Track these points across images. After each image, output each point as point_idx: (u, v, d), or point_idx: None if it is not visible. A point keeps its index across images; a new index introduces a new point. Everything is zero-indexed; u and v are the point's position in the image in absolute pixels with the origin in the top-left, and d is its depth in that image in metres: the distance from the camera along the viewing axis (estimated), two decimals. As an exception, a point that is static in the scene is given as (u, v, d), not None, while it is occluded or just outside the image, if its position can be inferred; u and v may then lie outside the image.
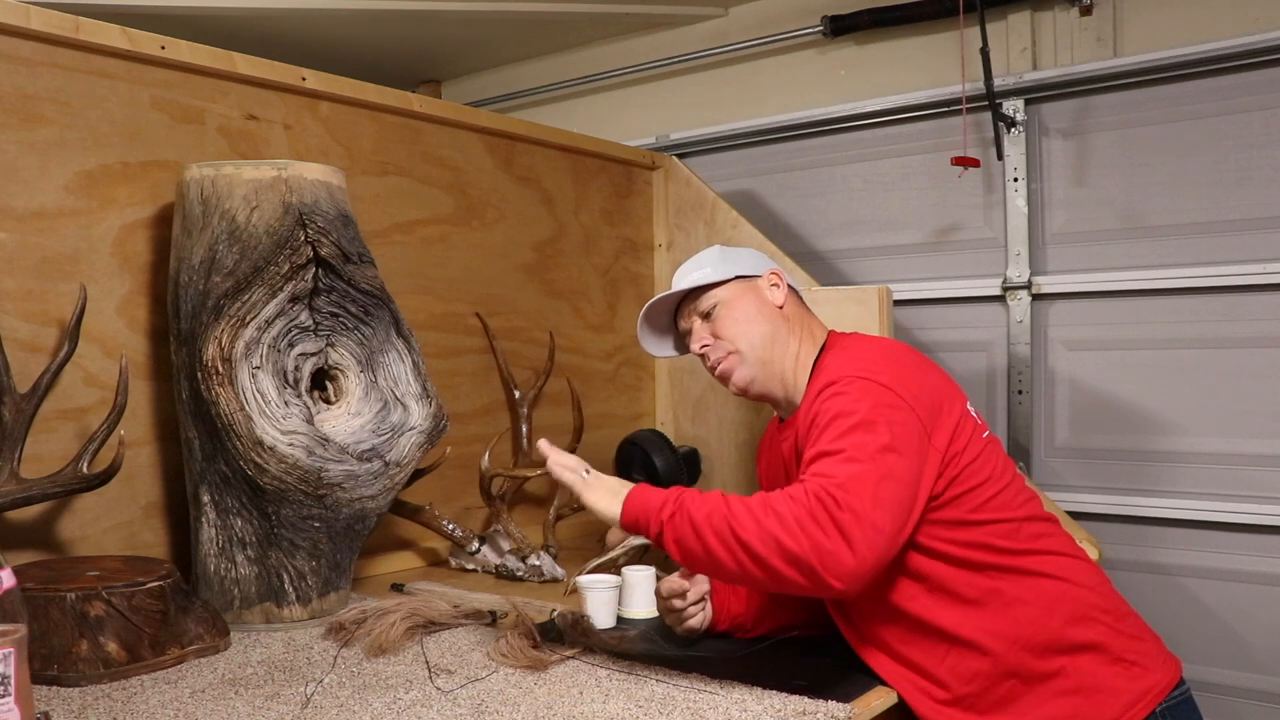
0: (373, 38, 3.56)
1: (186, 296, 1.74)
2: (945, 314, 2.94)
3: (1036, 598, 1.45)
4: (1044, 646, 1.43)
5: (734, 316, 1.70)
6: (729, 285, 1.73)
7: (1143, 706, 1.42)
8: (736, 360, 1.69)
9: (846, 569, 1.26)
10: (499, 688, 1.42)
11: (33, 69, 1.75)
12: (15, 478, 1.58)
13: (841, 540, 1.26)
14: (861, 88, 3.10)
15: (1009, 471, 1.55)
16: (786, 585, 1.30)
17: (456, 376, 2.43)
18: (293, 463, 1.68)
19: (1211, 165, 2.55)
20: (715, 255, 1.79)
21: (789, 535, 1.28)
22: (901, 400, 1.42)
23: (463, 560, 2.23)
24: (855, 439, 1.36)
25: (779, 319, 1.70)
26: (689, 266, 1.80)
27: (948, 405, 1.49)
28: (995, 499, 1.48)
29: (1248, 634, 2.52)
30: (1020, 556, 1.47)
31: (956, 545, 1.45)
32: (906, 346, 1.61)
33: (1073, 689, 1.42)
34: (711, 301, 1.73)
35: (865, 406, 1.40)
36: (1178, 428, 2.60)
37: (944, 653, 1.46)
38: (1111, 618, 1.47)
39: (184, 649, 1.54)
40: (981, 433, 1.53)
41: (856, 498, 1.29)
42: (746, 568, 1.31)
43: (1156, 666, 1.46)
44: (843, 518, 1.27)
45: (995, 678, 1.44)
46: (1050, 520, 1.55)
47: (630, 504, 1.42)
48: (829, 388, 1.47)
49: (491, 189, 2.55)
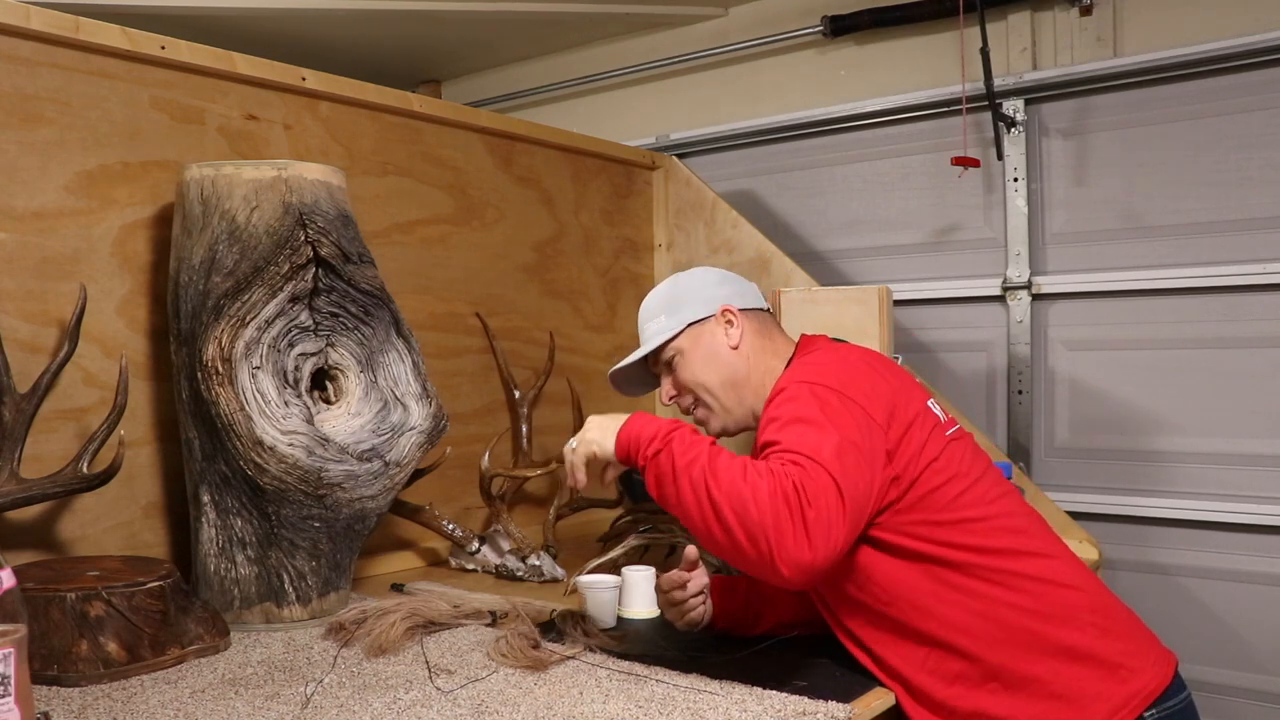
0: (373, 38, 3.56)
1: (186, 296, 1.74)
2: (945, 314, 2.94)
3: (1018, 598, 1.43)
4: (1026, 648, 1.41)
5: (692, 367, 1.70)
6: (683, 335, 1.71)
7: (1129, 710, 1.39)
8: (705, 412, 1.71)
9: (801, 561, 1.27)
10: (499, 688, 1.42)
11: (33, 69, 1.75)
12: (15, 478, 1.58)
13: (804, 534, 1.27)
14: (861, 88, 3.11)
15: (978, 468, 1.53)
16: (737, 555, 1.30)
17: (456, 376, 2.43)
18: (293, 463, 1.68)
19: (1211, 165, 2.55)
20: (664, 300, 1.77)
21: (758, 506, 1.28)
22: (851, 401, 1.43)
23: (463, 560, 2.23)
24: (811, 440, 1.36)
25: (737, 359, 1.68)
26: (644, 315, 1.79)
27: (903, 404, 1.48)
28: (963, 496, 1.47)
29: (1247, 634, 2.52)
30: (999, 556, 1.45)
31: (931, 544, 1.44)
32: (862, 351, 1.61)
33: (1057, 693, 1.40)
34: (671, 353, 1.73)
35: (815, 409, 1.41)
36: (1178, 428, 2.61)
37: (924, 655, 1.45)
38: (1097, 617, 1.45)
39: (184, 649, 1.54)
40: (945, 430, 1.52)
41: (823, 497, 1.29)
42: (709, 524, 1.32)
43: (1146, 668, 1.43)
44: (810, 515, 1.28)
45: (977, 680, 1.43)
46: (1031, 516, 1.53)
47: (623, 437, 1.45)
48: (780, 394, 1.49)
49: (491, 189, 2.55)
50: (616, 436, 1.46)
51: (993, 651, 1.42)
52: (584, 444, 1.49)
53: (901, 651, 1.47)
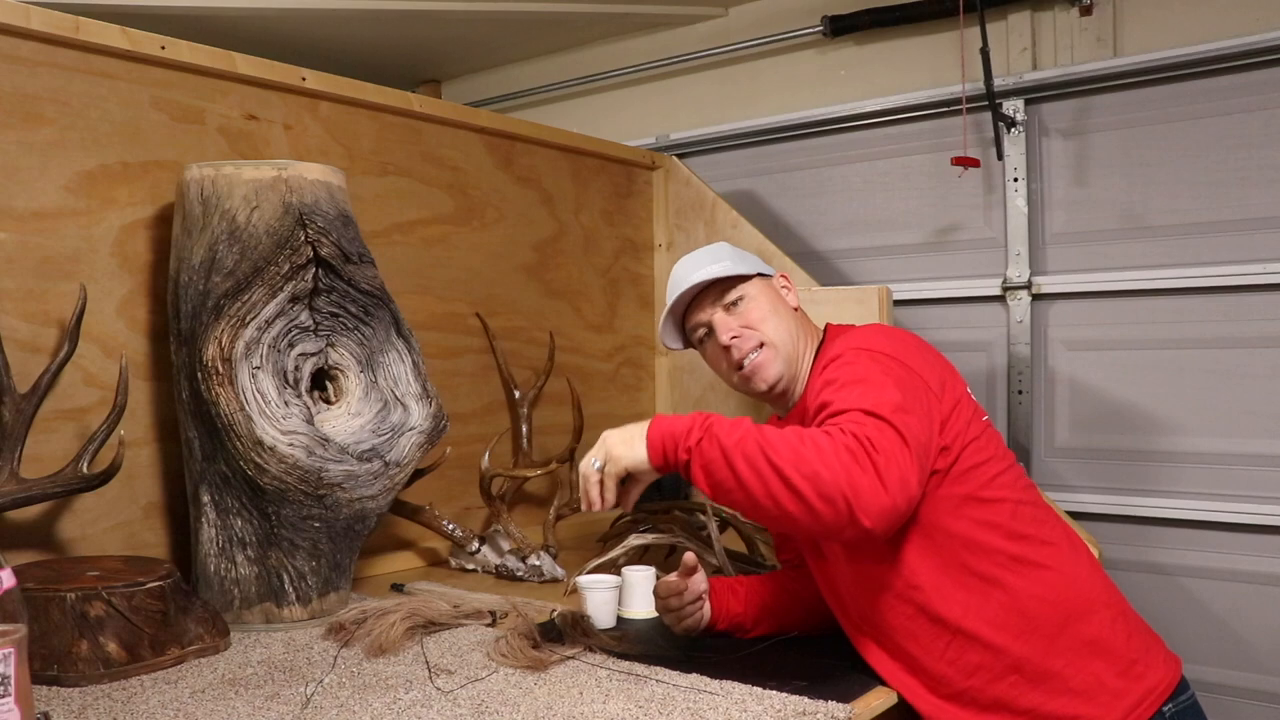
0: (373, 38, 3.56)
1: (186, 296, 1.74)
2: (945, 314, 2.94)
3: (1043, 590, 1.44)
4: (1048, 640, 1.42)
5: (763, 310, 1.70)
6: (753, 280, 1.74)
7: (1146, 707, 1.40)
8: (771, 354, 1.68)
9: (881, 507, 1.26)
10: (499, 688, 1.42)
11: (33, 69, 1.75)
12: (15, 478, 1.58)
13: (878, 479, 1.26)
14: (861, 88, 3.10)
15: (1010, 458, 1.56)
16: (814, 521, 1.27)
17: (456, 376, 2.43)
18: (293, 463, 1.68)
19: (1211, 165, 2.55)
20: (729, 251, 1.79)
21: (826, 467, 1.26)
22: (907, 366, 1.45)
23: (463, 560, 2.23)
24: (873, 397, 1.36)
25: (796, 320, 1.74)
26: (704, 258, 1.76)
27: (950, 381, 1.51)
28: (1000, 478, 1.49)
29: (1248, 634, 2.52)
30: (1025, 542, 1.46)
31: (968, 522, 1.44)
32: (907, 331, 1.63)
33: (1077, 689, 1.40)
34: (737, 294, 1.72)
35: (876, 370, 1.42)
36: (1178, 428, 2.60)
37: (945, 645, 1.45)
38: (1114, 613, 1.46)
39: (184, 649, 1.54)
40: (981, 416, 1.55)
41: (888, 444, 1.29)
42: (777, 496, 1.27)
43: (1159, 665, 1.46)
44: (880, 461, 1.27)
45: (998, 672, 1.43)
46: (1050, 512, 1.55)
47: (654, 438, 1.36)
48: (835, 361, 1.49)
49: (491, 189, 2.55)
50: (647, 440, 1.37)
51: (1015, 642, 1.42)
52: (613, 461, 1.38)
53: (923, 641, 1.47)
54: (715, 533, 1.94)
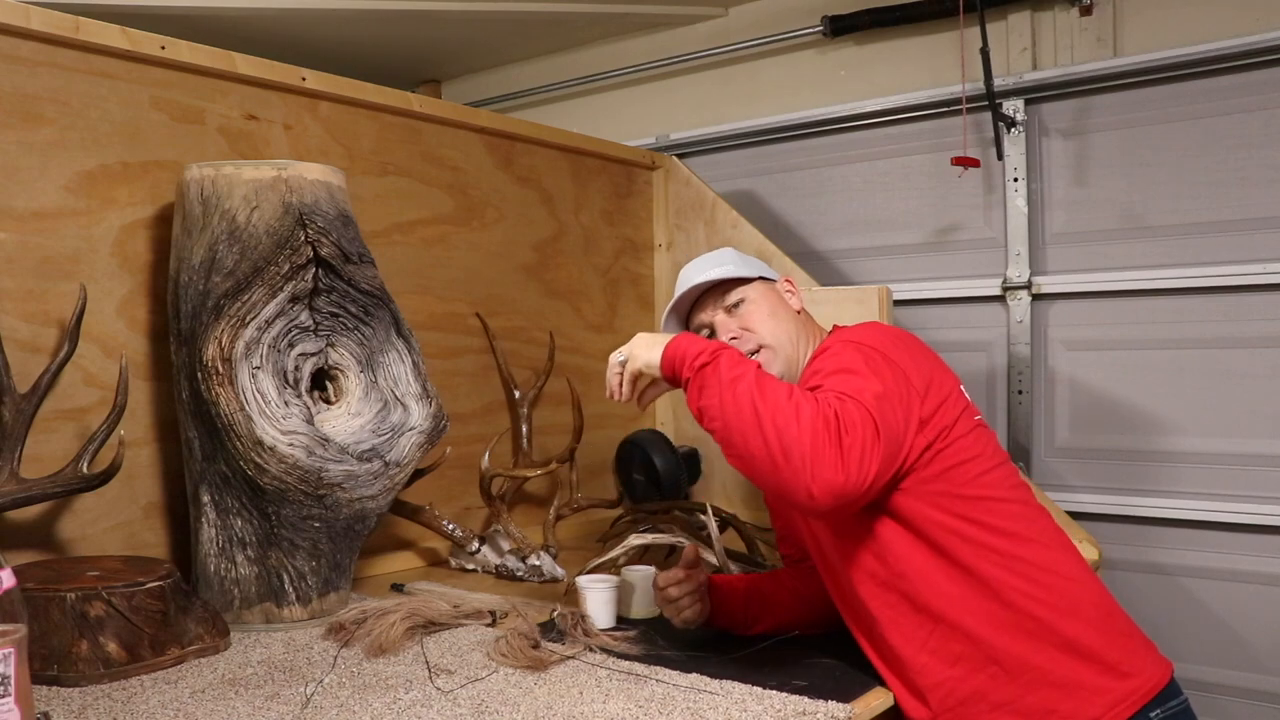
0: (373, 38, 3.56)
1: (186, 296, 1.74)
2: (945, 314, 2.94)
3: (1026, 585, 1.44)
4: (1030, 635, 1.42)
5: (763, 312, 1.73)
6: (754, 284, 1.77)
7: (1127, 706, 1.40)
8: (770, 355, 1.71)
9: (834, 484, 1.29)
10: (499, 688, 1.42)
11: (33, 69, 1.75)
12: (15, 478, 1.58)
13: (840, 458, 1.30)
14: (861, 88, 3.11)
15: (1000, 456, 1.56)
16: (771, 471, 1.32)
17: (456, 376, 2.43)
18: (293, 463, 1.68)
19: (1211, 165, 2.55)
20: (733, 255, 1.83)
21: (799, 426, 1.30)
22: (894, 362, 1.47)
23: (463, 560, 2.23)
24: (854, 384, 1.40)
25: (798, 323, 1.75)
26: (708, 262, 1.81)
27: (939, 380, 1.52)
28: (985, 476, 1.50)
29: (1247, 634, 2.52)
30: (1011, 539, 1.46)
31: (951, 516, 1.46)
32: (902, 330, 1.65)
33: (1056, 682, 1.41)
34: (739, 296, 1.76)
35: (860, 362, 1.45)
36: (1178, 428, 2.61)
37: (927, 634, 1.46)
38: (1100, 615, 1.46)
39: (184, 649, 1.54)
40: (973, 414, 1.56)
41: (860, 428, 1.33)
42: (747, 436, 1.33)
43: (1145, 667, 1.45)
44: (847, 441, 1.31)
45: (978, 662, 1.43)
46: (1042, 511, 1.55)
47: (670, 350, 1.47)
48: (823, 353, 1.54)
49: (491, 189, 2.55)
50: (663, 352, 1.47)
51: (997, 635, 1.43)
52: (633, 359, 1.51)
53: (905, 630, 1.48)
54: (715, 532, 1.94)
